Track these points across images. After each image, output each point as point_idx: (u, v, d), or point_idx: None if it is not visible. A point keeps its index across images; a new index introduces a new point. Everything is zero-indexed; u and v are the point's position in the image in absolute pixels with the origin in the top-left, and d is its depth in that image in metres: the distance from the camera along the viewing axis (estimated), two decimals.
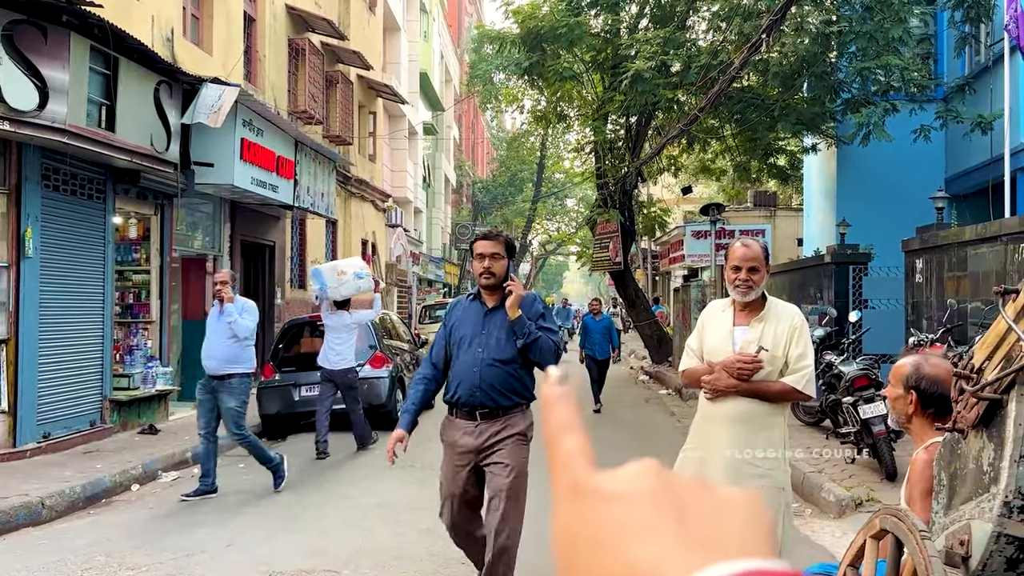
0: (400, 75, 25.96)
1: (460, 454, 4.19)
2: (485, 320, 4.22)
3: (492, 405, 4.14)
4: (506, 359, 4.14)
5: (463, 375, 4.16)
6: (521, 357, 4.17)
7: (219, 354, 7.37)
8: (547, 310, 4.36)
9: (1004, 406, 1.96)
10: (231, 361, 7.37)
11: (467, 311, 4.32)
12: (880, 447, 7.21)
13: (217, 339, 7.40)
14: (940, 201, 11.99)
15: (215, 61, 12.55)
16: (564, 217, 52.14)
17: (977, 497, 2.04)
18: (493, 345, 4.14)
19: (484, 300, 4.28)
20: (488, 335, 4.17)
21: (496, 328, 4.17)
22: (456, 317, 4.35)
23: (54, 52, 8.18)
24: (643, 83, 13.74)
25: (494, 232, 4.30)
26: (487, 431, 4.14)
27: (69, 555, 5.71)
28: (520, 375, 4.21)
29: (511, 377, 4.17)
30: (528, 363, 4.22)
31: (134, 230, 11.45)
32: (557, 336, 4.27)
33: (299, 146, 14.12)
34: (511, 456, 4.12)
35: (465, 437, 4.17)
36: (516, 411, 4.19)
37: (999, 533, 1.92)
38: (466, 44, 40.08)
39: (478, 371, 4.12)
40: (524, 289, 4.24)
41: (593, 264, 21.75)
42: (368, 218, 22.11)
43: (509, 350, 4.14)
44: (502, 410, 4.16)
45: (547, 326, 4.23)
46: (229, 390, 7.37)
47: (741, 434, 3.50)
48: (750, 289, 3.56)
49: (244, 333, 7.35)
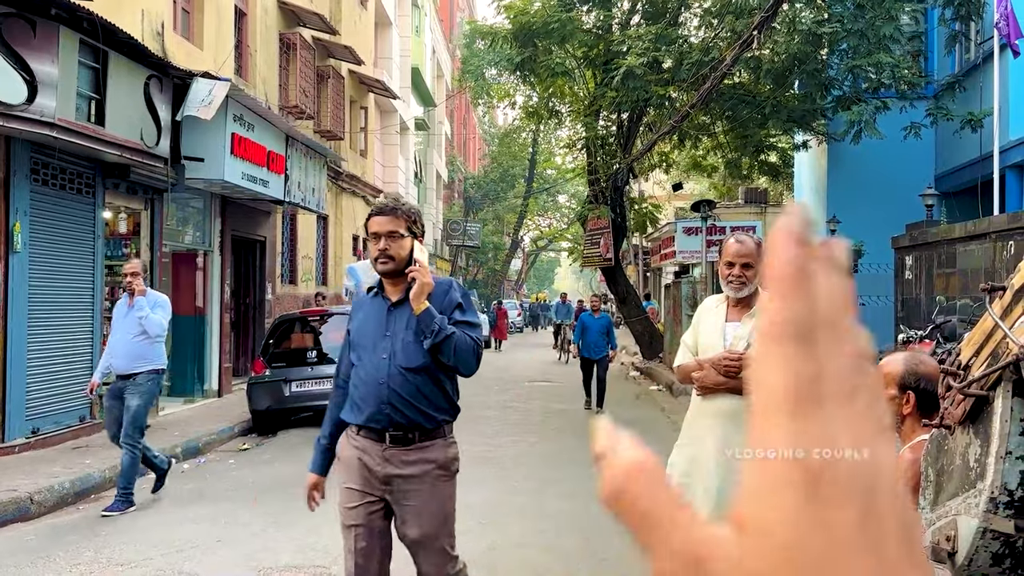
0: (391, 70, 25.91)
1: (363, 479, 3.30)
2: (389, 318, 3.35)
3: (405, 424, 3.28)
4: (415, 366, 3.28)
5: (367, 389, 3.29)
6: (436, 362, 3.30)
7: (127, 351, 6.79)
8: (467, 299, 3.46)
9: (990, 402, 1.97)
10: (139, 359, 6.79)
11: (370, 309, 3.45)
12: None
13: (124, 335, 6.81)
14: (930, 198, 12.05)
15: (206, 55, 12.50)
16: (556, 213, 52.19)
17: (963, 493, 2.05)
18: (400, 349, 3.28)
19: (387, 293, 3.40)
20: (394, 337, 3.31)
21: (402, 327, 3.31)
22: (359, 319, 3.48)
23: (43, 45, 8.14)
24: (635, 79, 13.76)
25: (391, 204, 3.33)
26: (397, 459, 3.28)
27: (58, 551, 5.69)
28: (438, 385, 3.35)
29: (426, 389, 3.30)
30: (447, 369, 3.35)
31: (124, 225, 11.40)
32: (478, 332, 3.42)
33: (290, 141, 14.08)
34: (430, 499, 3.30)
35: (369, 459, 3.29)
36: (436, 434, 3.34)
37: (985, 529, 1.94)
38: (458, 39, 40.07)
39: (385, 383, 3.26)
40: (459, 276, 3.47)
41: (584, 260, 21.77)
42: (359, 213, 22.06)
43: (418, 354, 3.27)
44: (419, 432, 3.30)
45: (466, 319, 3.37)
46: (135, 388, 6.73)
47: (731, 430, 3.51)
48: (743, 285, 3.57)
49: (155, 330, 6.80)
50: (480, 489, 7.47)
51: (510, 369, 20.49)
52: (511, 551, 5.64)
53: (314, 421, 11.39)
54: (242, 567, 5.31)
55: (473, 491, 7.40)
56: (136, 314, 6.74)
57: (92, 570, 5.31)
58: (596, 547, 5.68)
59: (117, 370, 6.85)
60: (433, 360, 3.29)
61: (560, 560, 5.44)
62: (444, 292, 3.35)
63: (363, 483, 3.27)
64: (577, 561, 5.41)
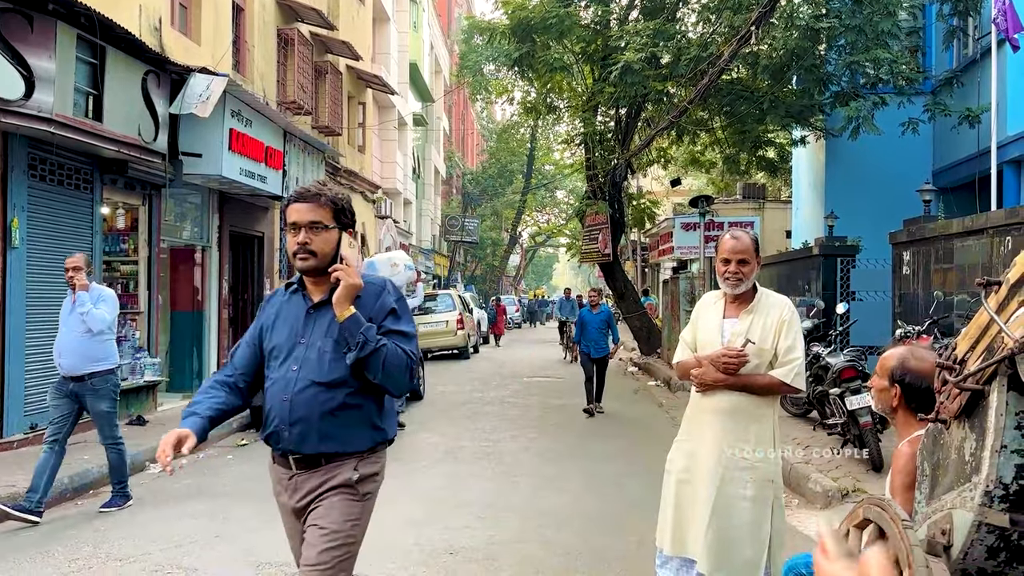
0: (389, 66, 25.88)
1: (288, 523, 3.02)
2: (307, 322, 2.86)
3: (308, 452, 2.81)
4: (333, 381, 2.78)
5: (273, 404, 2.84)
6: (359, 379, 2.79)
7: (74, 350, 6.45)
8: (402, 304, 2.94)
9: (986, 397, 1.98)
10: (89, 359, 6.47)
11: (285, 308, 2.95)
12: (866, 438, 7.26)
13: (71, 334, 6.47)
14: (927, 194, 12.05)
15: (203, 51, 12.48)
16: (554, 209, 52.17)
17: (959, 487, 2.06)
18: (314, 360, 2.79)
19: (309, 292, 2.92)
20: (309, 345, 2.82)
21: (320, 335, 2.82)
22: (269, 315, 2.98)
23: (40, 41, 8.13)
24: (633, 75, 13.74)
25: (313, 190, 2.84)
26: (304, 486, 2.84)
27: (57, 546, 5.70)
28: (358, 407, 2.83)
29: (342, 412, 2.79)
30: (372, 388, 2.83)
31: (122, 220, 11.40)
32: (413, 344, 2.88)
33: (288, 137, 14.07)
34: (332, 514, 2.80)
35: (281, 493, 2.93)
36: (348, 457, 2.84)
37: (980, 522, 1.95)
38: (456, 35, 40.02)
39: (289, 399, 2.78)
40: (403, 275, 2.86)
41: (582, 256, 21.77)
42: (357, 209, 21.88)
43: (338, 368, 2.77)
44: (326, 458, 2.82)
45: (399, 329, 2.85)
46: (93, 392, 6.50)
47: (730, 427, 3.52)
48: (740, 282, 3.58)
49: (98, 326, 6.44)
50: (479, 484, 7.49)
51: (508, 365, 20.50)
52: (510, 546, 5.65)
53: None
54: (240, 562, 5.32)
55: (472, 486, 7.42)
56: (78, 310, 6.42)
57: (91, 565, 5.32)
58: (594, 542, 5.70)
59: (64, 370, 6.49)
60: (354, 376, 2.77)
61: (559, 555, 5.45)
62: (376, 295, 2.87)
63: (290, 528, 3.03)
64: (576, 556, 5.43)
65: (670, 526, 3.61)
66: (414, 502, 6.82)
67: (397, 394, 2.93)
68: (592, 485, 7.47)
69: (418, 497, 6.99)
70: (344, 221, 2.88)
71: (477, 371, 18.82)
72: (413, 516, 6.37)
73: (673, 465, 3.69)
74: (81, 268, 6.49)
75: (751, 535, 3.43)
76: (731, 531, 3.43)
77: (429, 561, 5.32)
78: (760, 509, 3.45)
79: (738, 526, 3.43)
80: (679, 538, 3.57)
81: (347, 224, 2.90)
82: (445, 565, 5.25)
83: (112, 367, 6.66)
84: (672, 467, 3.69)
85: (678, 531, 3.58)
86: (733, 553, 3.42)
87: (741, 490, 3.45)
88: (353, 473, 2.83)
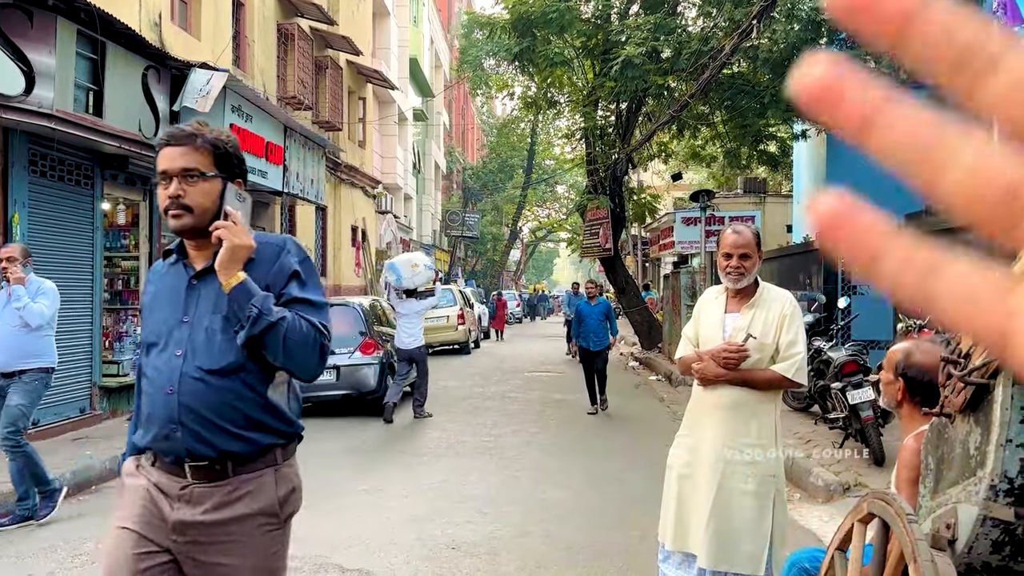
0: (390, 61, 25.85)
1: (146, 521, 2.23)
2: (190, 296, 2.31)
3: (210, 454, 2.22)
4: (226, 367, 2.23)
5: (153, 401, 2.28)
6: (258, 362, 2.25)
7: (8, 346, 6.02)
8: (307, 265, 2.38)
9: (991, 391, 1.98)
10: (25, 354, 6.05)
11: (164, 281, 2.39)
12: (868, 432, 7.26)
13: (5, 328, 6.02)
14: None
15: (203, 46, 12.47)
16: (554, 204, 52.15)
17: (964, 481, 2.06)
18: (202, 342, 2.25)
19: (191, 259, 2.36)
20: (195, 324, 2.28)
21: (207, 310, 2.28)
22: (149, 294, 2.44)
23: (40, 36, 8.11)
24: (633, 69, 13.73)
25: (188, 130, 2.28)
26: (205, 502, 2.22)
27: (59, 542, 5.71)
28: (260, 395, 2.28)
29: (240, 402, 2.24)
30: (274, 371, 2.29)
31: (123, 216, 11.40)
32: (323, 315, 2.32)
33: (288, 132, 14.05)
34: (246, 557, 2.26)
35: (160, 497, 2.25)
36: (263, 462, 2.28)
37: (985, 516, 1.95)
38: (456, 29, 39.93)
39: (175, 393, 2.23)
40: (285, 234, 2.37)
41: (583, 250, 21.76)
42: (358, 204, 22.03)
43: (228, 351, 2.23)
44: (233, 461, 2.24)
45: (305, 297, 2.31)
46: (20, 386, 6.03)
47: (731, 422, 3.52)
48: (741, 276, 3.56)
49: (37, 320, 6.00)
50: (481, 479, 7.50)
51: (509, 360, 20.51)
52: (512, 541, 5.66)
53: (313, 413, 11.42)
54: None
55: (474, 481, 7.43)
56: (13, 304, 5.95)
57: (94, 560, 5.33)
58: (597, 537, 5.70)
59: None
60: (253, 358, 2.24)
61: (561, 549, 5.46)
62: (274, 257, 2.31)
63: (144, 526, 2.22)
64: (578, 551, 5.43)
65: (672, 521, 3.61)
66: (416, 496, 6.83)
67: (305, 377, 2.33)
68: (594, 480, 7.48)
69: (420, 491, 7.00)
70: (229, 168, 2.29)
71: (478, 366, 18.83)
72: (415, 511, 6.37)
73: (675, 460, 3.68)
74: (16, 259, 6.01)
75: (752, 530, 3.43)
76: (732, 526, 3.43)
77: (431, 556, 5.33)
78: (762, 504, 3.45)
79: (739, 521, 3.43)
80: (681, 533, 3.57)
81: (234, 172, 2.30)
82: (447, 559, 5.25)
83: (49, 366, 6.19)
84: (674, 462, 3.69)
85: (680, 526, 3.58)
86: (734, 548, 3.42)
87: (742, 485, 3.45)
88: (273, 496, 2.28)
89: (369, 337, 11.33)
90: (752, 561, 3.40)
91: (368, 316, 11.73)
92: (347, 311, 11.81)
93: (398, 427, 10.44)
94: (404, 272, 11.04)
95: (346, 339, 11.27)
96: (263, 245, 2.31)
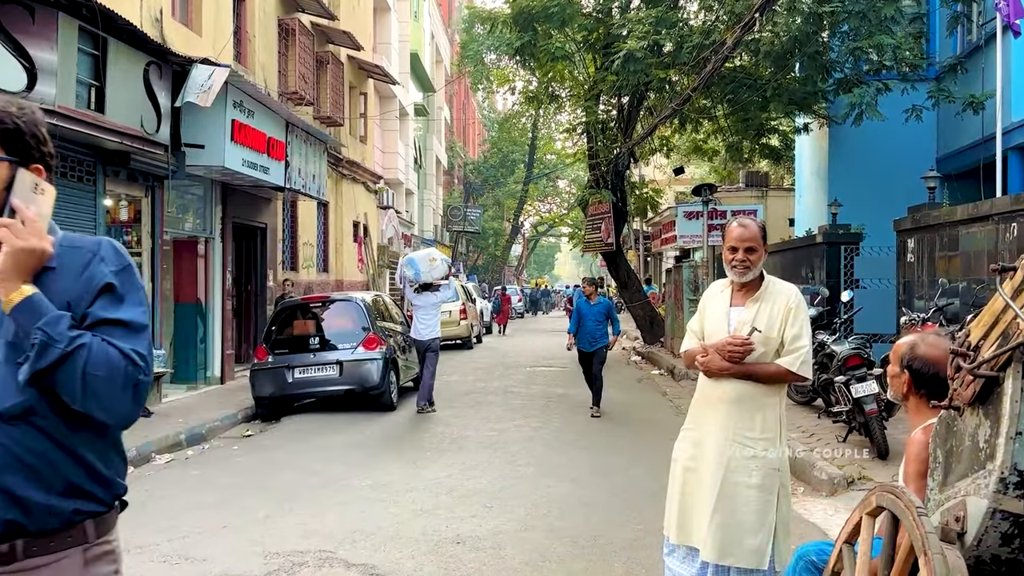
0: (391, 56, 25.82)
1: None
2: None
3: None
4: (11, 409, 1.66)
5: None
6: (51, 402, 1.68)
7: None
8: (126, 276, 1.83)
9: (1000, 383, 1.98)
10: None
11: None
12: (872, 426, 7.26)
13: None
14: (932, 181, 12.01)
15: (205, 42, 12.45)
16: (556, 198, 52.13)
17: (973, 474, 2.06)
18: None
19: None
20: None
21: None
22: None
23: (42, 32, 8.10)
24: (635, 63, 13.70)
25: None
26: None
27: None
28: (62, 446, 1.71)
29: (33, 457, 1.68)
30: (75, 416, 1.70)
31: (125, 212, 11.39)
32: (140, 342, 1.74)
33: (290, 127, 14.04)
34: None
35: None
36: (67, 542, 1.72)
37: (994, 509, 1.94)
38: (457, 24, 39.90)
39: None
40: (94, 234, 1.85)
41: (585, 245, 21.76)
42: (359, 200, 22.03)
43: (13, 389, 1.66)
44: (25, 539, 1.68)
45: (117, 317, 1.74)
46: None
47: (735, 415, 3.51)
48: (747, 269, 3.56)
49: None
50: (485, 473, 7.50)
51: (512, 355, 20.52)
52: (516, 535, 5.66)
53: (317, 407, 11.45)
54: (248, 552, 5.33)
55: (478, 476, 7.44)
56: None
57: None
58: (600, 530, 5.71)
59: None
60: (47, 399, 1.68)
61: (565, 543, 5.46)
62: (82, 266, 1.77)
63: None
64: (582, 545, 5.43)
65: (676, 515, 3.60)
66: (420, 491, 6.83)
67: (115, 422, 1.77)
68: (597, 473, 7.48)
69: (425, 486, 7.00)
70: (20, 151, 1.77)
71: (481, 361, 18.83)
72: (420, 505, 6.38)
73: (679, 453, 3.68)
74: None
75: (757, 523, 3.42)
76: (736, 519, 3.42)
77: (436, 550, 5.33)
78: (766, 497, 3.44)
79: (744, 514, 3.43)
80: (685, 526, 3.57)
81: (26, 156, 1.78)
82: (452, 554, 5.26)
83: None
84: (678, 455, 3.68)
85: (684, 519, 3.58)
86: (738, 541, 3.41)
87: (747, 478, 3.44)
88: None
89: (372, 332, 11.33)
90: (756, 555, 3.40)
91: (371, 312, 11.73)
92: (350, 306, 11.81)
93: (401, 422, 10.45)
94: (423, 267, 11.30)
95: (349, 335, 11.28)
96: (68, 250, 1.78)
